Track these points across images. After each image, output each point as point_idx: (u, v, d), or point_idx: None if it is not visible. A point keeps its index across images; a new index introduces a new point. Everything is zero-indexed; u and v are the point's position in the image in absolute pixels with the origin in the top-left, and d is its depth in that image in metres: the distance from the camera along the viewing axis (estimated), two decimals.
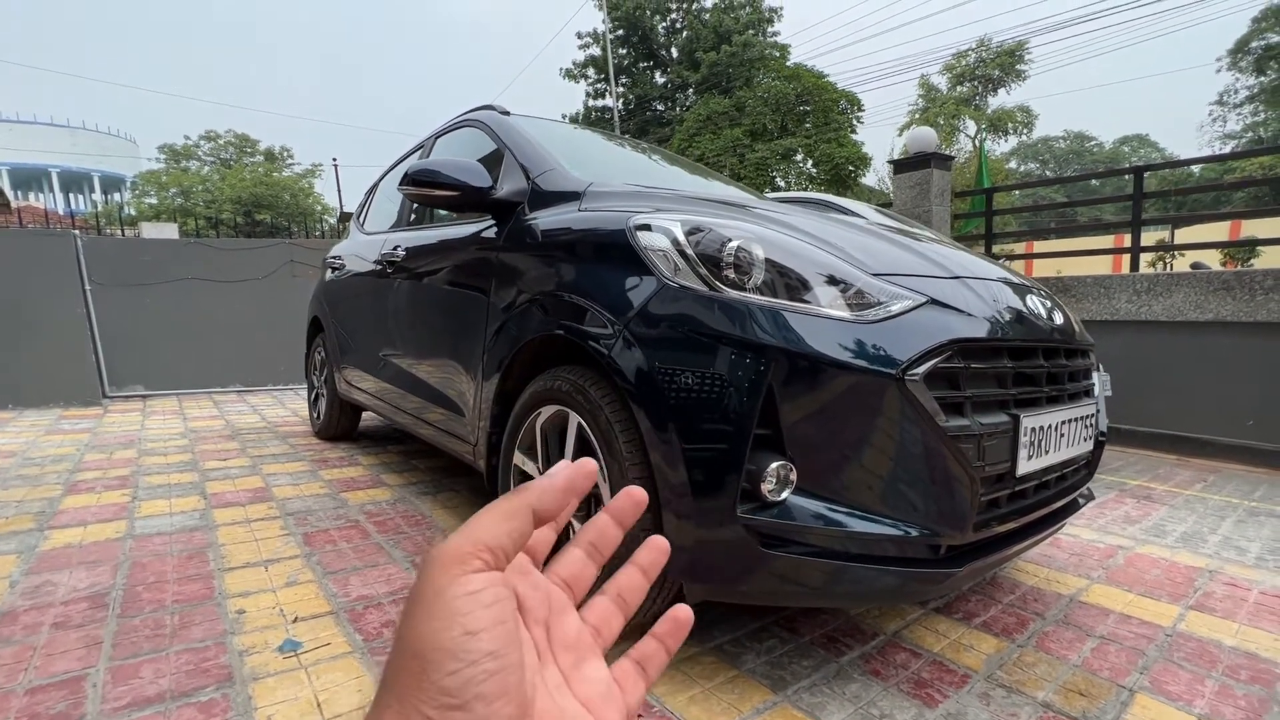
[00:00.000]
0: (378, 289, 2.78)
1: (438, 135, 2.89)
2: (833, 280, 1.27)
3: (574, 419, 1.51)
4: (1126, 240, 4.89)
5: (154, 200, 29.85)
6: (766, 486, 1.17)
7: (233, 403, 5.16)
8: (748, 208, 1.66)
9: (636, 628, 0.35)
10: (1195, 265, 4.61)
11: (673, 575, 1.31)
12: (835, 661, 1.47)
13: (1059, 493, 1.59)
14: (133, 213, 29.32)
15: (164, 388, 5.45)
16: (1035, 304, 1.55)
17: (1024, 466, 1.35)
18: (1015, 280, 1.66)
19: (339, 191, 26.23)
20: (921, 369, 1.19)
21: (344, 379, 3.31)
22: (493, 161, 2.50)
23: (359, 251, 3.22)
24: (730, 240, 1.30)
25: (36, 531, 2.12)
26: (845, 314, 1.22)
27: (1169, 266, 14.09)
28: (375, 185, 3.69)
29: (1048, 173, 47.33)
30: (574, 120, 35.32)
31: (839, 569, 1.19)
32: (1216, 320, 4.20)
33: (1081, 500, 1.80)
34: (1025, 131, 32.31)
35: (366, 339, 2.95)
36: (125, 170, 43.15)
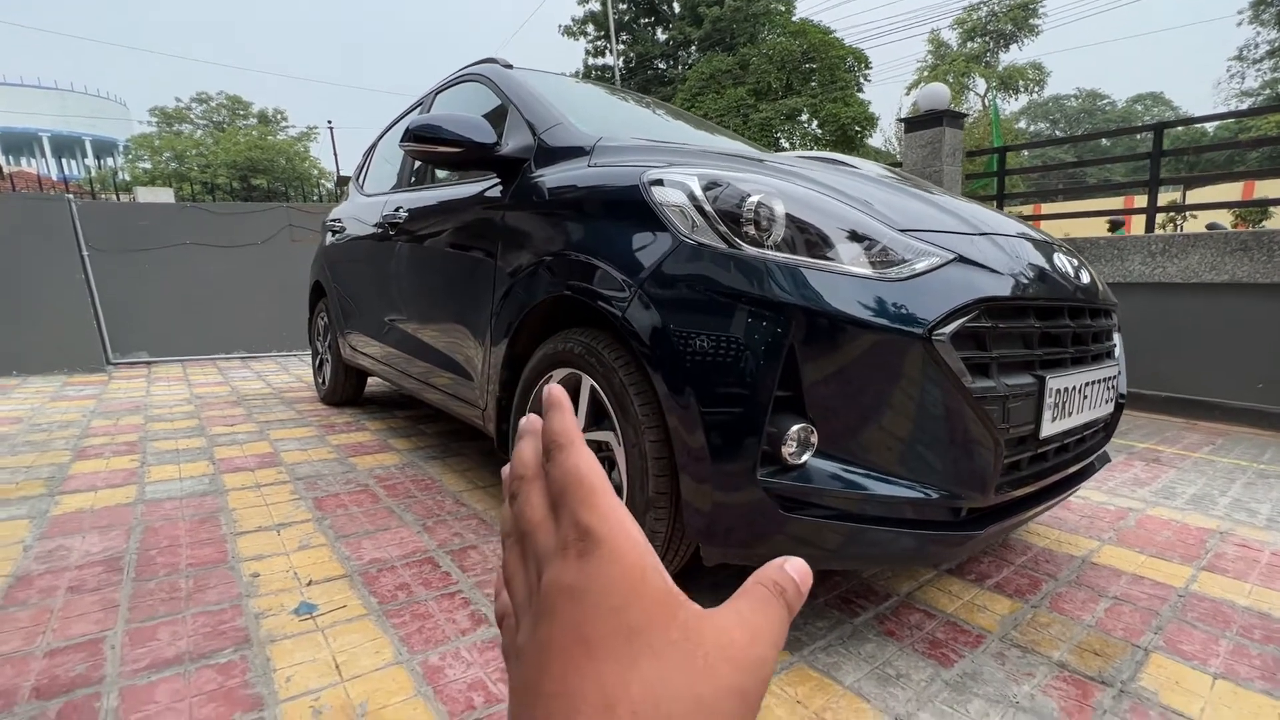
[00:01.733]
0: (380, 252, 2.72)
1: (438, 90, 2.80)
2: (856, 236, 1.22)
3: (586, 382, 1.49)
4: (1136, 202, 4.72)
5: (148, 165, 29.40)
6: (787, 450, 1.15)
7: (237, 369, 5.14)
8: (763, 162, 1.60)
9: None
10: (1211, 225, 4.49)
11: (690, 537, 1.30)
12: (850, 622, 1.47)
13: (1078, 455, 1.57)
14: (126, 177, 28.89)
15: (167, 354, 5.43)
16: (1061, 261, 1.50)
17: (1047, 429, 1.33)
18: (1038, 237, 1.61)
19: (335, 155, 25.75)
20: (948, 329, 1.15)
21: (348, 344, 3.28)
22: (496, 118, 2.42)
23: (359, 214, 3.15)
24: (750, 195, 1.25)
25: (47, 497, 2.12)
26: (870, 271, 1.17)
27: (1179, 228, 13.88)
28: (374, 146, 3.60)
29: (1058, 132, 46.34)
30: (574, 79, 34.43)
31: (858, 531, 1.18)
32: (1232, 282, 4.13)
33: (1098, 464, 1.78)
34: (1036, 90, 31.50)
35: (370, 304, 2.90)
36: (117, 134, 42.34)
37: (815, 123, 23.41)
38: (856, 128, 22.72)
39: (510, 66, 2.42)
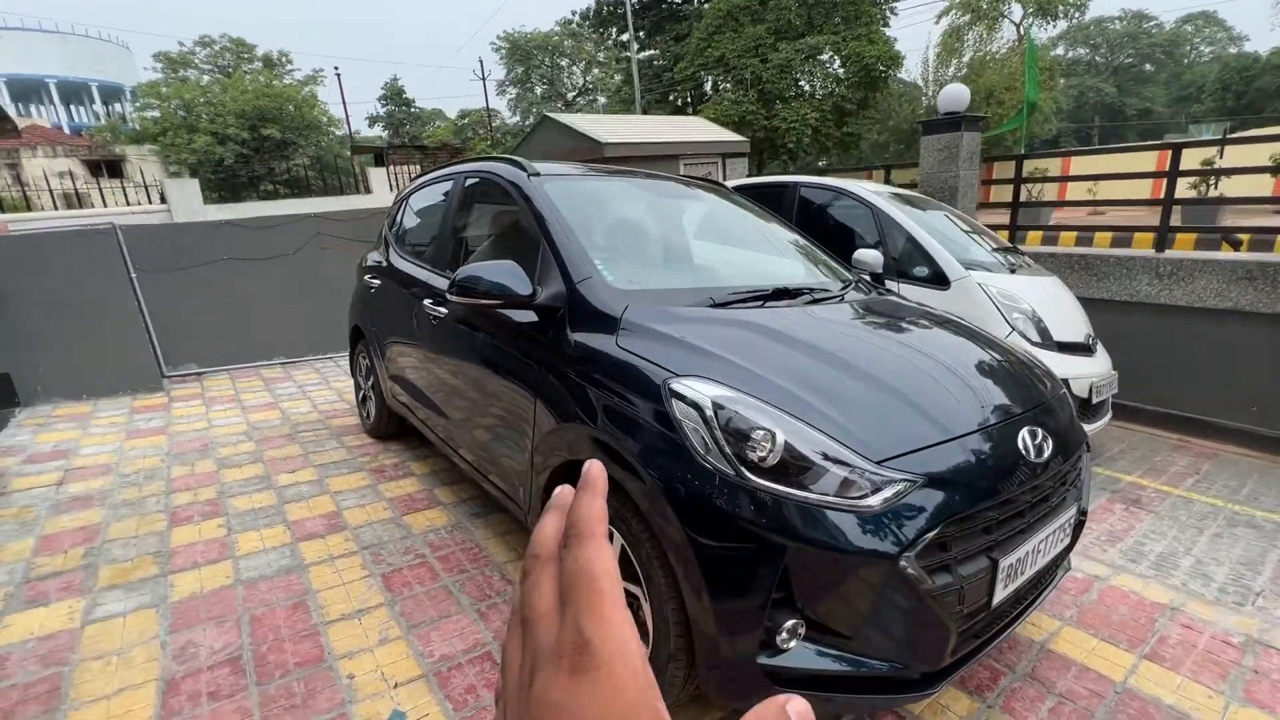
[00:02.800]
0: (425, 329, 2.97)
1: (465, 182, 2.97)
2: (840, 463, 1.47)
3: (617, 539, 1.78)
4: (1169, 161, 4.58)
5: (156, 114, 29.10)
6: (780, 638, 1.45)
7: (280, 381, 5.51)
8: (768, 331, 1.83)
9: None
10: (1228, 237, 4.50)
11: (705, 690, 1.63)
12: None
13: (1033, 591, 1.86)
14: (135, 127, 28.74)
15: (214, 364, 5.81)
16: (1027, 444, 1.72)
17: (999, 596, 1.61)
18: (1015, 410, 1.81)
19: (344, 105, 25.32)
20: (915, 549, 1.42)
21: (392, 395, 3.59)
22: (514, 227, 2.63)
23: (399, 276, 3.39)
24: (755, 428, 1.50)
25: (161, 578, 2.51)
26: (851, 503, 1.44)
27: (1213, 188, 13.46)
28: (404, 198, 3.78)
29: (1097, 59, 43.67)
30: (584, 18, 32.92)
31: (834, 696, 1.50)
32: (1235, 309, 4.24)
33: (1059, 574, 2.06)
34: (1077, 14, 29.56)
35: (415, 372, 3.19)
36: (123, 79, 41.72)
37: (838, 62, 22.42)
38: (880, 67, 21.76)
39: (537, 174, 2.59)
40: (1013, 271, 3.93)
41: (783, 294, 2.25)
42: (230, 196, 25.89)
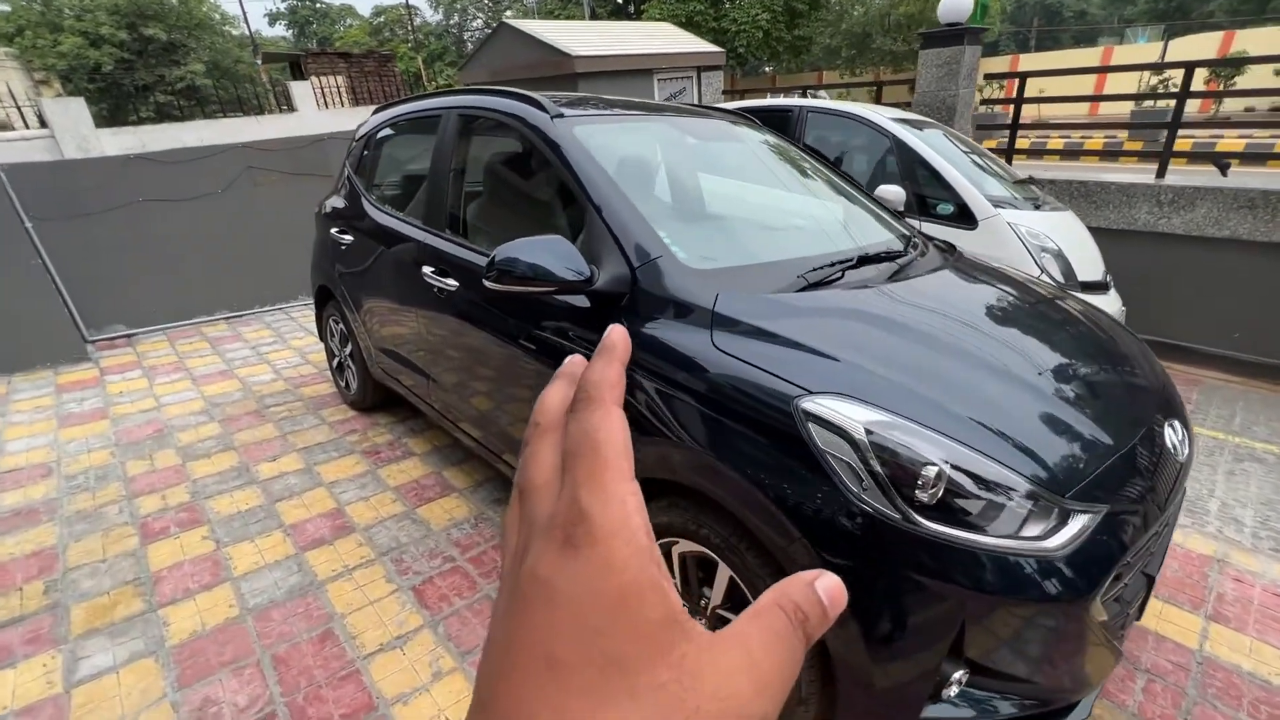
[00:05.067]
0: (424, 300, 2.55)
1: (460, 119, 2.46)
2: (1025, 497, 1.27)
3: (724, 571, 1.56)
4: (1116, 54, 4.38)
5: (6, 7, 24.71)
6: (947, 691, 1.29)
7: (228, 341, 4.90)
8: (888, 322, 1.57)
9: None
10: (1217, 160, 4.44)
11: None
12: None
13: None
14: None
15: (146, 324, 5.10)
16: (1173, 440, 1.56)
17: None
18: (1155, 396, 1.64)
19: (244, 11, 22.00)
20: (1103, 587, 1.26)
21: (380, 366, 3.18)
22: (538, 167, 2.23)
23: (379, 233, 2.90)
24: (922, 461, 1.26)
25: (150, 614, 2.16)
26: (1038, 545, 1.24)
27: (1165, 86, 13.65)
28: (371, 134, 3.19)
29: None
30: None
31: None
32: (1233, 237, 4.25)
33: None
34: None
35: (413, 347, 2.78)
36: None
37: None
38: None
39: (561, 115, 2.14)
40: (1037, 208, 3.76)
41: (865, 260, 1.97)
42: (119, 113, 22.71)
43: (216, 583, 2.30)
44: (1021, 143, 8.98)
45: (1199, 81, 15.68)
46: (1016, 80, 5.13)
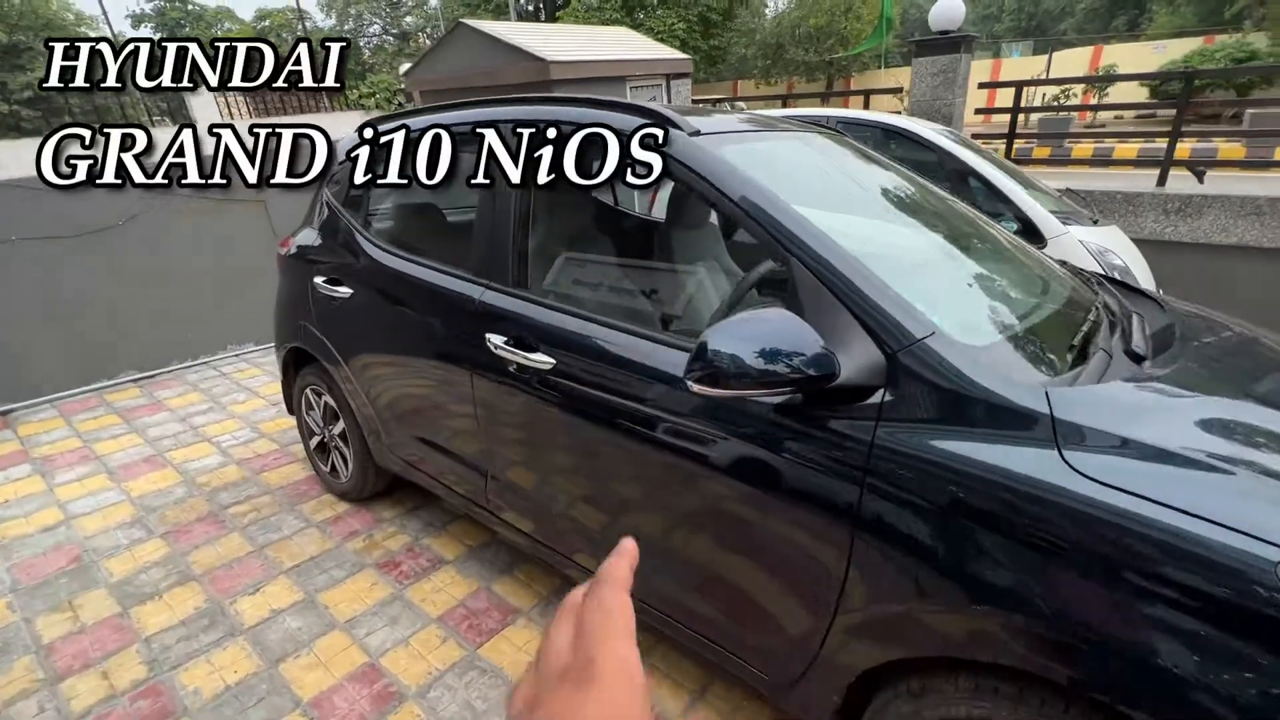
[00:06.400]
0: (489, 381, 1.91)
1: (524, 139, 1.84)
2: None
3: None
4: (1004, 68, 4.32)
5: None
6: None
7: (145, 412, 3.90)
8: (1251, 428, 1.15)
9: None
10: (1193, 168, 4.57)
11: None
12: None
13: None
14: None
15: (28, 397, 3.98)
16: None
17: None
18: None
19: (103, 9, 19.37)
20: None
21: (399, 455, 2.47)
22: (670, 204, 1.69)
23: (398, 285, 2.22)
24: None
25: None
26: None
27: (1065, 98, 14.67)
28: (366, 158, 2.47)
29: None
30: None
31: None
32: (1240, 244, 4.30)
33: None
34: None
35: (465, 440, 2.12)
36: None
37: None
38: None
39: (698, 133, 1.60)
40: (1095, 223, 3.57)
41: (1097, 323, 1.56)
42: None
43: None
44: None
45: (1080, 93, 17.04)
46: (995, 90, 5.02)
